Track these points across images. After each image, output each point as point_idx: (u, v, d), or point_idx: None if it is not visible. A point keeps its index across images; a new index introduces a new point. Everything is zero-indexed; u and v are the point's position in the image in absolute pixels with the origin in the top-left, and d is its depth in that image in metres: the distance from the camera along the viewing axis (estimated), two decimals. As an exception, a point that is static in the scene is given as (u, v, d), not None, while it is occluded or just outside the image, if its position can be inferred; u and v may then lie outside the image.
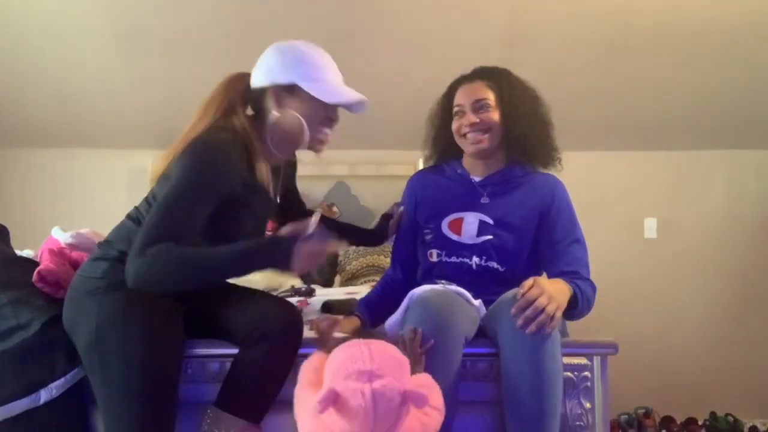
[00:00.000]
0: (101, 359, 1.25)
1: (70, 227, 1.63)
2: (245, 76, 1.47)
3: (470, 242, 1.60)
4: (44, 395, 1.28)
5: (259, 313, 1.36)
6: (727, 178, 3.31)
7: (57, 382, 1.28)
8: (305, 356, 1.40)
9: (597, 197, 3.15)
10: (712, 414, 3.09)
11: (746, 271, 3.28)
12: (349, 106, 1.48)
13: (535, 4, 2.48)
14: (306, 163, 1.56)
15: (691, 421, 3.08)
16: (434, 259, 1.64)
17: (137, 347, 1.25)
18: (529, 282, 1.31)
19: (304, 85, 1.41)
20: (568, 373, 1.40)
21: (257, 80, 1.45)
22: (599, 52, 2.68)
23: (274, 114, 1.43)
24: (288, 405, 1.39)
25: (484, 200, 1.64)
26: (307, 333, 1.43)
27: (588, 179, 3.12)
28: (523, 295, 1.28)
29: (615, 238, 3.24)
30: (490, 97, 1.62)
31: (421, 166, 3.11)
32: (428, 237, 1.66)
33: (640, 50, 2.68)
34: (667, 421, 3.06)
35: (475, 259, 1.59)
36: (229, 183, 1.34)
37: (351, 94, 1.45)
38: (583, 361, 1.45)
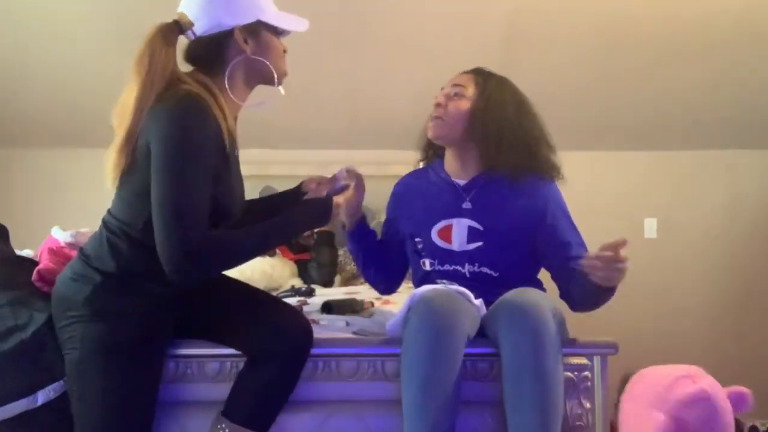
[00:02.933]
0: (81, 391, 1.24)
1: (70, 227, 1.63)
2: (176, 26, 1.28)
3: (461, 250, 1.59)
4: (42, 397, 1.27)
5: (271, 329, 1.35)
6: (727, 178, 3.30)
7: (55, 384, 1.28)
8: (314, 357, 1.40)
9: (597, 197, 3.15)
10: (712, 414, 3.09)
11: (746, 270, 3.27)
12: (287, 33, 1.42)
13: (534, 4, 2.47)
14: (305, 163, 1.54)
15: (691, 421, 3.08)
16: (427, 268, 1.64)
17: (117, 388, 1.23)
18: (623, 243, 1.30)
19: (266, 18, 1.33)
20: (568, 373, 1.40)
21: (208, 26, 1.29)
22: (599, 52, 2.68)
23: (244, 57, 1.31)
24: (289, 405, 1.39)
25: (466, 205, 1.62)
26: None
27: (588, 179, 3.12)
28: (618, 250, 1.31)
29: (615, 239, 3.23)
30: (470, 89, 1.62)
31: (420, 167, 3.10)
32: (420, 246, 1.65)
33: (640, 50, 2.67)
34: (668, 421, 3.06)
35: (468, 267, 1.58)
36: (215, 143, 1.22)
37: (301, 20, 1.40)
38: (583, 361, 1.45)
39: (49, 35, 2.57)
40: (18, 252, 1.62)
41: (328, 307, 1.74)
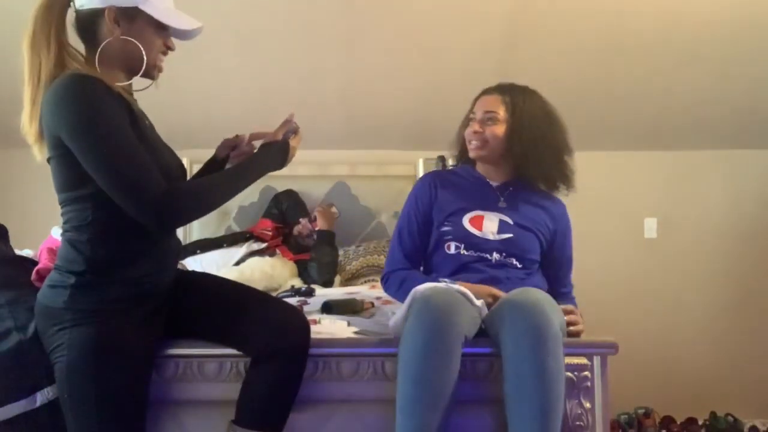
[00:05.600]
0: (73, 397, 1.23)
1: (70, 227, 1.62)
2: None
3: (491, 238, 1.65)
4: (40, 398, 1.27)
5: (269, 328, 1.36)
6: (727, 178, 3.31)
7: (54, 385, 1.26)
8: (314, 357, 1.40)
9: (597, 197, 3.14)
10: (712, 414, 3.09)
11: (746, 270, 3.27)
12: (184, 33, 1.38)
13: (535, 5, 2.47)
14: (304, 163, 1.54)
15: (691, 421, 3.07)
16: (452, 251, 1.66)
17: (107, 389, 1.22)
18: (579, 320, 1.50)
19: (147, 9, 1.29)
20: (568, 373, 1.40)
21: (87, 0, 1.28)
22: (599, 52, 2.68)
23: (113, 39, 1.28)
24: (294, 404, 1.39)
25: (502, 204, 1.71)
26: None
27: (588, 179, 3.07)
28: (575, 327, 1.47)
29: (615, 238, 3.23)
30: (501, 111, 1.68)
31: (421, 166, 3.11)
32: (447, 229, 1.68)
33: (640, 50, 2.67)
34: (667, 421, 3.06)
35: (495, 255, 1.64)
36: (121, 109, 1.23)
37: (191, 20, 1.37)
38: (583, 361, 1.45)
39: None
40: (18, 252, 1.62)
41: (328, 307, 1.74)
